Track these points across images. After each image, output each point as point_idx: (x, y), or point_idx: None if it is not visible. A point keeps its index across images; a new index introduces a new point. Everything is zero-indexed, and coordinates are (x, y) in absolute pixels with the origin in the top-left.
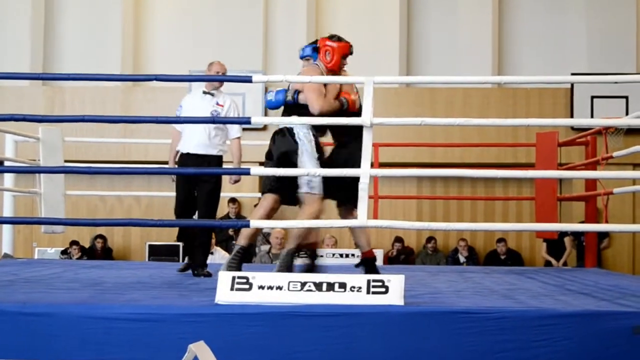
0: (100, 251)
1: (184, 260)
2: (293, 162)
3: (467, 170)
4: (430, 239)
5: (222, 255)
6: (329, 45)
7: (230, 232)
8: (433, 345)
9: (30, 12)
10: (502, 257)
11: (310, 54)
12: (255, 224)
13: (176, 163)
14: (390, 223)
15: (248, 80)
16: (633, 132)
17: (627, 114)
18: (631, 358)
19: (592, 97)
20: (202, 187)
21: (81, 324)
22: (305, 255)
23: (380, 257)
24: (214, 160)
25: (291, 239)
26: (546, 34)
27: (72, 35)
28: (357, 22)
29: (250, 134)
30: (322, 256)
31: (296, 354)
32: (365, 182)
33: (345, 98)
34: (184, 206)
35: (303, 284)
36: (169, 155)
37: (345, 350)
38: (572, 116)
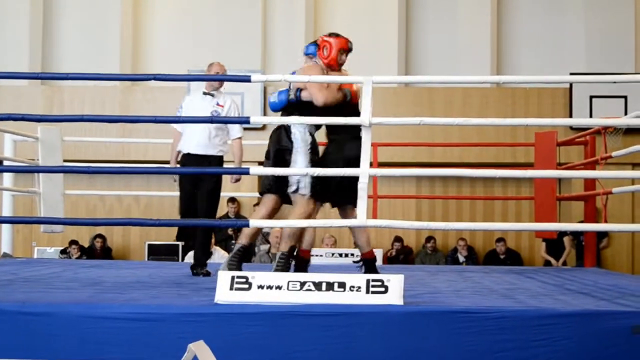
0: (100, 251)
1: (183, 259)
2: (287, 161)
3: (466, 170)
4: (429, 239)
5: (221, 255)
6: (326, 40)
7: (230, 231)
8: (432, 345)
9: (29, 12)
10: (502, 256)
11: (314, 52)
12: (254, 223)
13: (178, 163)
14: (389, 223)
15: (247, 79)
16: (632, 132)
17: (626, 113)
18: (630, 357)
19: (591, 97)
20: (202, 187)
21: (80, 324)
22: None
23: (379, 257)
24: (214, 160)
25: (284, 241)
26: (545, 34)
27: (71, 35)
28: (356, 22)
29: (250, 133)
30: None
31: (295, 354)
32: (365, 181)
33: (348, 89)
34: (188, 207)
35: (302, 284)
36: (170, 156)
37: (345, 350)
38: (571, 116)
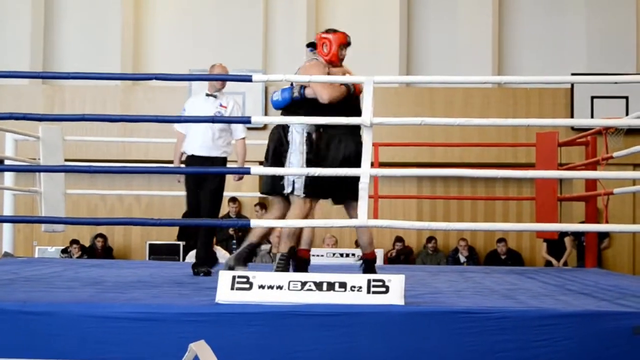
0: (101, 250)
1: (184, 259)
2: (283, 161)
3: (467, 170)
4: (430, 239)
5: (222, 255)
6: (324, 37)
7: (231, 231)
8: (433, 345)
9: (30, 12)
10: (503, 257)
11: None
12: (255, 223)
13: (182, 164)
14: (390, 223)
15: (248, 79)
16: (633, 133)
17: (627, 114)
18: (631, 358)
19: (592, 98)
20: (206, 187)
21: (81, 323)
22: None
23: (380, 257)
24: (218, 161)
25: (282, 242)
26: (546, 34)
27: (72, 34)
28: (357, 22)
29: (251, 133)
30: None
31: (296, 354)
32: (366, 181)
33: (352, 84)
34: (195, 208)
35: (303, 284)
36: (173, 157)
37: (346, 350)
38: (572, 116)
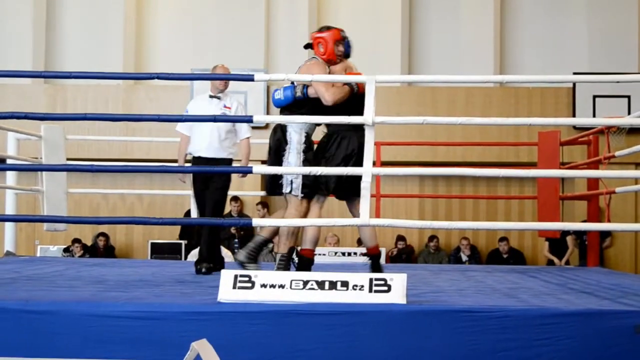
0: (103, 249)
1: (186, 258)
2: (282, 161)
3: (469, 169)
4: (432, 238)
5: (224, 254)
6: (318, 36)
7: (233, 230)
8: (435, 344)
9: (32, 11)
10: (505, 256)
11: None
12: (256, 222)
13: (187, 163)
14: (392, 222)
15: (250, 78)
16: (635, 132)
17: (629, 113)
18: (633, 357)
19: (594, 97)
20: (211, 186)
21: (83, 322)
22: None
23: (382, 256)
24: (224, 163)
25: (281, 243)
26: (547, 34)
27: (74, 34)
28: (358, 21)
29: (252, 132)
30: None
31: (298, 352)
32: (368, 180)
33: (354, 82)
34: (200, 206)
35: (305, 283)
36: (178, 158)
37: (348, 349)
38: (574, 115)
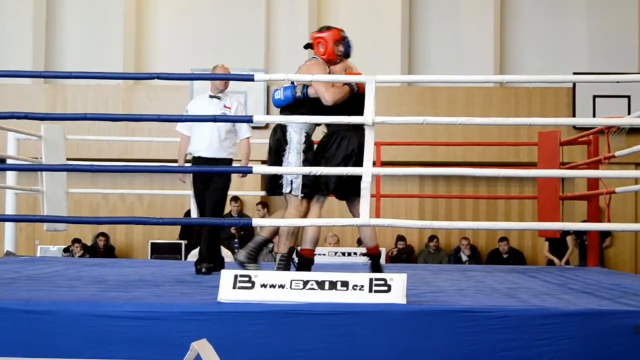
0: (103, 249)
1: (186, 258)
2: (282, 161)
3: (469, 169)
4: (432, 238)
5: (224, 254)
6: (318, 36)
7: (232, 230)
8: (435, 344)
9: (32, 11)
10: (505, 256)
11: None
12: (256, 222)
13: (187, 162)
14: (392, 222)
15: (250, 78)
16: (635, 132)
17: (629, 113)
18: (633, 357)
19: (594, 97)
20: (211, 186)
21: (83, 322)
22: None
23: (382, 256)
24: (224, 163)
25: (281, 242)
26: (547, 35)
27: (74, 33)
28: (358, 21)
29: (252, 132)
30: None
31: (298, 352)
32: (368, 180)
33: (354, 83)
34: (200, 206)
35: (305, 283)
36: (178, 158)
37: (348, 349)
38: (574, 115)
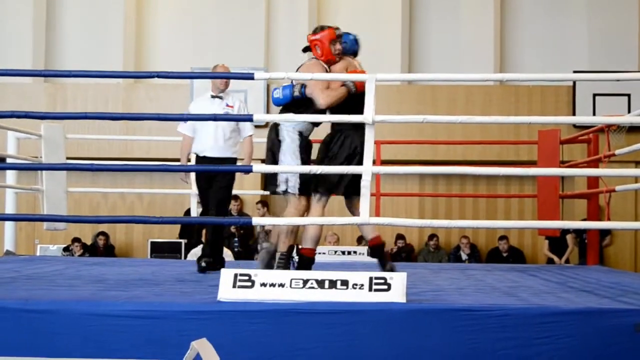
0: (102, 248)
1: (185, 257)
2: (277, 161)
3: (469, 168)
4: (432, 237)
5: (225, 253)
6: (313, 39)
7: (232, 229)
8: (435, 343)
9: (32, 11)
10: (504, 254)
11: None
12: (256, 221)
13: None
14: (392, 220)
15: (250, 77)
16: (635, 130)
17: (629, 111)
18: (633, 355)
19: (594, 95)
20: (215, 185)
21: (83, 321)
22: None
23: None
24: (228, 162)
25: (280, 241)
26: (547, 34)
27: (74, 32)
28: (359, 21)
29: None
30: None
31: (298, 351)
32: (367, 179)
33: (352, 82)
34: (205, 205)
35: (305, 282)
36: (181, 157)
37: (348, 348)
38: (574, 114)
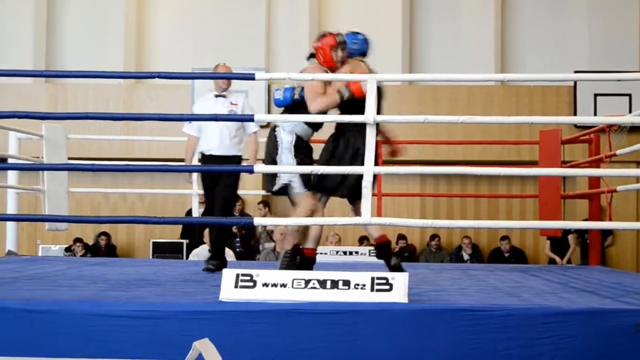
0: (104, 248)
1: (187, 257)
2: (274, 161)
3: (470, 168)
4: (433, 237)
5: (227, 254)
6: (316, 46)
7: (234, 229)
8: (437, 343)
9: (33, 11)
10: (506, 254)
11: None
12: (257, 221)
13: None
14: (393, 220)
15: (251, 77)
16: (636, 130)
17: (631, 111)
18: (634, 356)
19: (595, 95)
20: (221, 183)
21: (85, 322)
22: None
23: None
24: (234, 160)
25: (288, 239)
26: (548, 34)
27: (74, 33)
28: (359, 21)
29: None
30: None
31: (300, 352)
32: (369, 179)
33: (347, 87)
34: (211, 205)
35: (307, 282)
36: (185, 157)
37: (350, 348)
38: (575, 114)
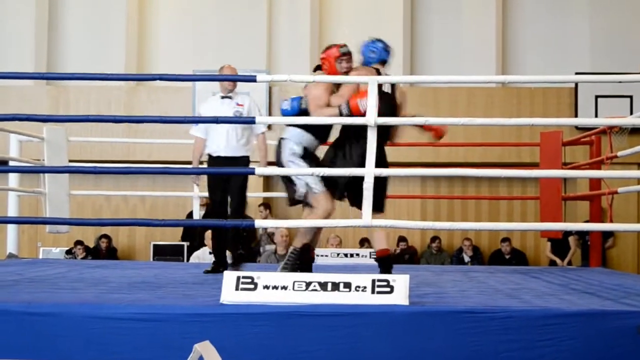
0: (105, 251)
1: (188, 260)
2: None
3: (471, 170)
4: (434, 239)
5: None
6: (323, 58)
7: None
8: (438, 345)
9: (34, 12)
10: (507, 256)
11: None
12: (259, 223)
13: (201, 164)
14: (394, 222)
15: (252, 79)
16: (637, 132)
17: (632, 113)
18: (635, 357)
19: (596, 97)
20: (233, 185)
21: (86, 324)
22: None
23: None
24: (242, 161)
25: (297, 237)
26: (549, 35)
27: (76, 35)
28: (360, 22)
29: None
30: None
31: (301, 354)
32: (370, 181)
33: (348, 103)
34: (220, 207)
35: (308, 284)
36: (192, 160)
37: (350, 350)
38: (576, 115)
